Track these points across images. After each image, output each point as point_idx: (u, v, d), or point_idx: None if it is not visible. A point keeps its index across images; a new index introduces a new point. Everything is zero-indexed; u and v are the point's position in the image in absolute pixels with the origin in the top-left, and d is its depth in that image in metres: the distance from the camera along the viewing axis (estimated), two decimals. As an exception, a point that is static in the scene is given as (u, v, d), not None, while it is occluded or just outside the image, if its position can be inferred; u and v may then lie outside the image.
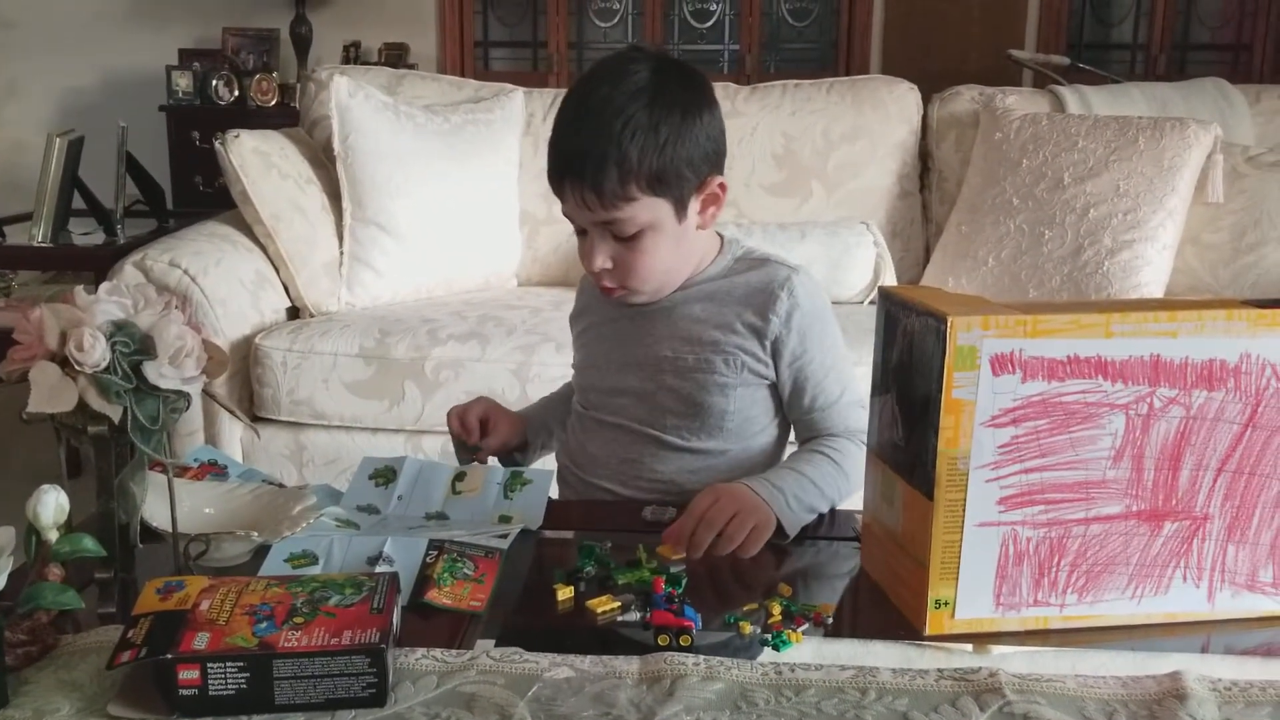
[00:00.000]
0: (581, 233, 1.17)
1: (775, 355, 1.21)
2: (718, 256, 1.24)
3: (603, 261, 1.15)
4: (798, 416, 1.24)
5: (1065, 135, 2.47)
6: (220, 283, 2.18)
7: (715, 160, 1.17)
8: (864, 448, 1.16)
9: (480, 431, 1.32)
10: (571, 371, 1.37)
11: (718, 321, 1.21)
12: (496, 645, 0.85)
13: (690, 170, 1.14)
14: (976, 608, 0.88)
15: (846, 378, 1.23)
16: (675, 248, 1.18)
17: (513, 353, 2.13)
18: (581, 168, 1.10)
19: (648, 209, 1.13)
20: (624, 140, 1.09)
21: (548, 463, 1.34)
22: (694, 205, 1.17)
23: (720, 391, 1.21)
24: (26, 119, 4.50)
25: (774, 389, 1.24)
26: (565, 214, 1.17)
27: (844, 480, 1.16)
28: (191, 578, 0.86)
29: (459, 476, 1.17)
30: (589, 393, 1.29)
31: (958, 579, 0.87)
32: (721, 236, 1.26)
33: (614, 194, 1.10)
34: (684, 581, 0.95)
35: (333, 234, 2.44)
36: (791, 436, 1.29)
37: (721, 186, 1.18)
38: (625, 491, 1.23)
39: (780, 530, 1.07)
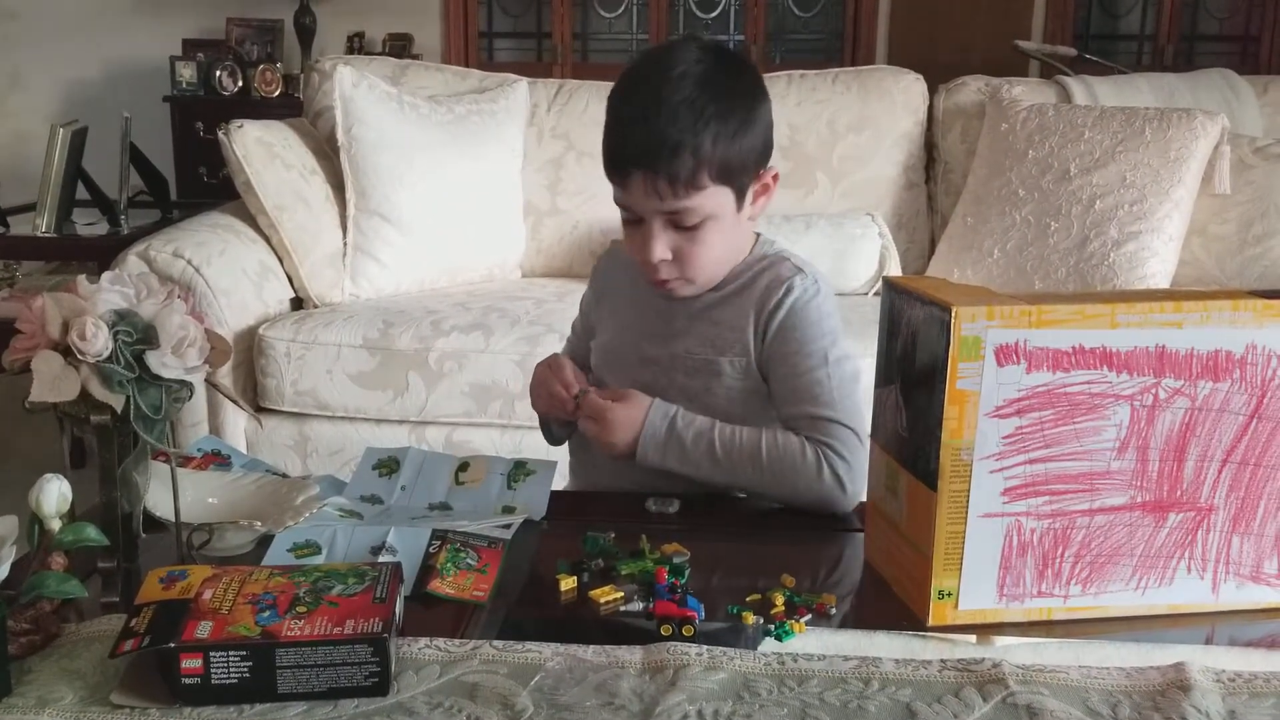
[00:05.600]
0: (633, 222, 1.16)
1: (762, 354, 1.19)
2: (748, 255, 1.23)
3: (662, 252, 1.14)
4: (781, 418, 1.19)
5: (1071, 126, 2.46)
6: (224, 273, 2.18)
7: (769, 151, 1.18)
8: (813, 459, 1.11)
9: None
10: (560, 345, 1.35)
11: (730, 323, 1.20)
12: (499, 635, 0.85)
13: (753, 160, 1.15)
14: (980, 599, 0.88)
15: (827, 391, 1.15)
16: (730, 239, 1.18)
17: (517, 344, 2.13)
18: (656, 156, 1.09)
19: (713, 198, 1.12)
20: (699, 129, 1.09)
21: (550, 454, 1.33)
22: (749, 196, 1.17)
23: (726, 395, 1.20)
24: (30, 110, 4.50)
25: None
26: (623, 203, 1.15)
27: (756, 473, 1.12)
28: (194, 567, 0.86)
29: (462, 467, 1.18)
30: (604, 373, 1.28)
31: (961, 570, 0.87)
32: (756, 234, 1.25)
33: (687, 183, 1.10)
34: (687, 572, 0.95)
35: (336, 225, 2.44)
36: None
37: (774, 178, 1.19)
38: (632, 475, 1.20)
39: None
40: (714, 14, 4.68)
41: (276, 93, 4.24)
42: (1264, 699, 0.77)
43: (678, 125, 1.08)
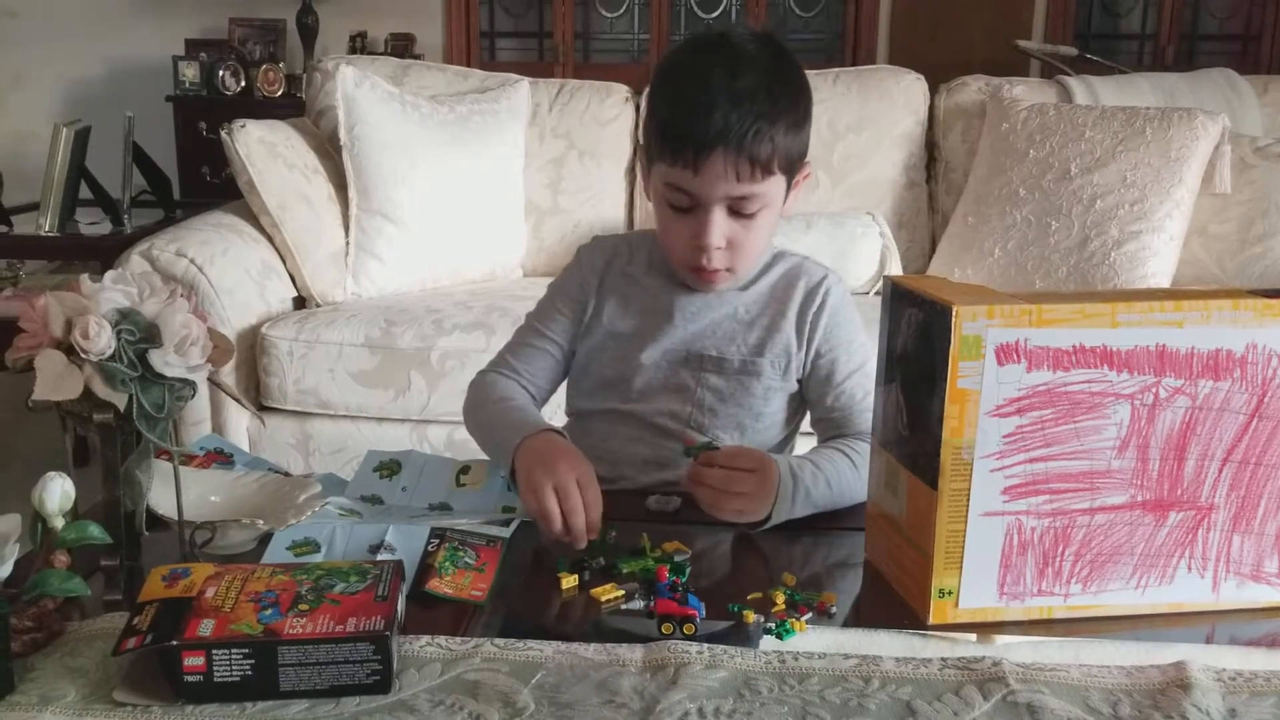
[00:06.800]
0: (684, 209, 1.13)
1: (807, 355, 1.21)
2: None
3: (720, 239, 1.13)
4: (821, 415, 1.23)
5: (1072, 126, 2.46)
6: (226, 272, 2.19)
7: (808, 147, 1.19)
8: None
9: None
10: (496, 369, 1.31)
11: (767, 324, 1.21)
12: (501, 633, 0.85)
13: (804, 153, 1.16)
14: (980, 597, 0.88)
15: (871, 380, 1.19)
16: (772, 230, 1.19)
17: (518, 343, 2.13)
18: (742, 136, 1.08)
19: (774, 186, 1.13)
20: (774, 115, 1.09)
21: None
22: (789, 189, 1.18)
23: (764, 396, 1.21)
24: (33, 109, 4.51)
25: (797, 390, 1.23)
26: (686, 187, 1.11)
27: (859, 485, 1.12)
28: (197, 565, 0.86)
29: (463, 469, 1.18)
30: (601, 368, 1.24)
31: (962, 568, 0.87)
32: None
33: (764, 167, 1.10)
34: (688, 570, 0.96)
35: (339, 224, 2.45)
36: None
37: (805, 176, 1.19)
38: (646, 482, 1.19)
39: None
40: (715, 13, 4.68)
41: (279, 92, 4.25)
42: (1264, 698, 0.77)
43: (756, 109, 1.08)
